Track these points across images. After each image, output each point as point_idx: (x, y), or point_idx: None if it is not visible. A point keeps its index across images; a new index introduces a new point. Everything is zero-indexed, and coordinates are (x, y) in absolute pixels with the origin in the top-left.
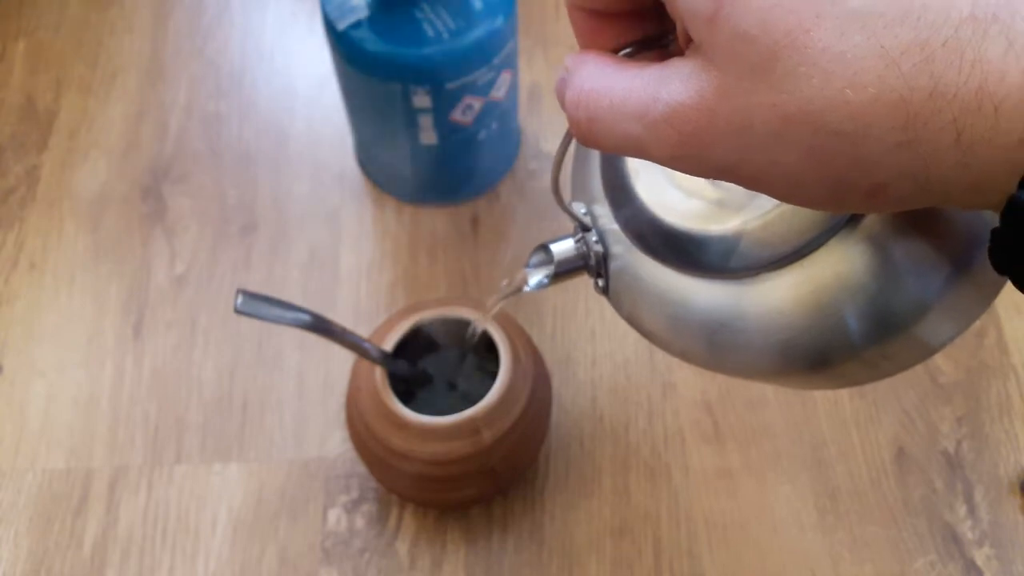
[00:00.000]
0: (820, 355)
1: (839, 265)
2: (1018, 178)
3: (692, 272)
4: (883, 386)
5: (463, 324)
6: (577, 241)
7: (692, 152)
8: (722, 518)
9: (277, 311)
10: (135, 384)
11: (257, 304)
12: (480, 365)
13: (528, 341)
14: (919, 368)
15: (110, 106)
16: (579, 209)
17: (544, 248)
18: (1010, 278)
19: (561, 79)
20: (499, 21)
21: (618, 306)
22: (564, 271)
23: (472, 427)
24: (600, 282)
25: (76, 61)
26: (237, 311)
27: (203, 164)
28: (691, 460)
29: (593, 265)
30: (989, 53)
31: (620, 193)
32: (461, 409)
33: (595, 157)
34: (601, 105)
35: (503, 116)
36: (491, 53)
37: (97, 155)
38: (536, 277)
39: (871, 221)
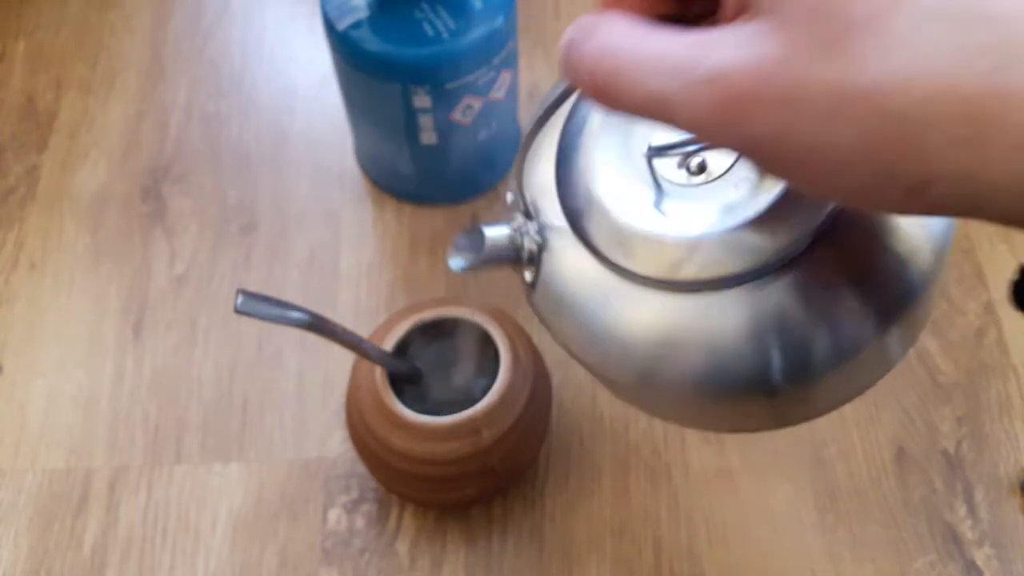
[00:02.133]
0: (745, 383)
1: (779, 298)
2: None
3: (634, 278)
4: (883, 386)
5: (463, 324)
6: (515, 230)
7: (732, 117)
8: (722, 518)
9: (277, 311)
10: (135, 384)
11: (257, 304)
12: (480, 365)
13: (528, 341)
14: (919, 368)
15: (110, 106)
16: (518, 197)
17: (476, 231)
18: None
19: (569, 38)
20: (499, 21)
21: (542, 303)
22: (493, 258)
23: (472, 427)
24: (528, 275)
25: (76, 61)
26: (237, 311)
27: (203, 164)
28: (691, 460)
29: (526, 257)
30: None
31: (573, 187)
32: (461, 409)
33: (548, 147)
34: (626, 60)
35: (503, 116)
36: (491, 53)
37: (97, 155)
38: (459, 260)
39: (822, 257)
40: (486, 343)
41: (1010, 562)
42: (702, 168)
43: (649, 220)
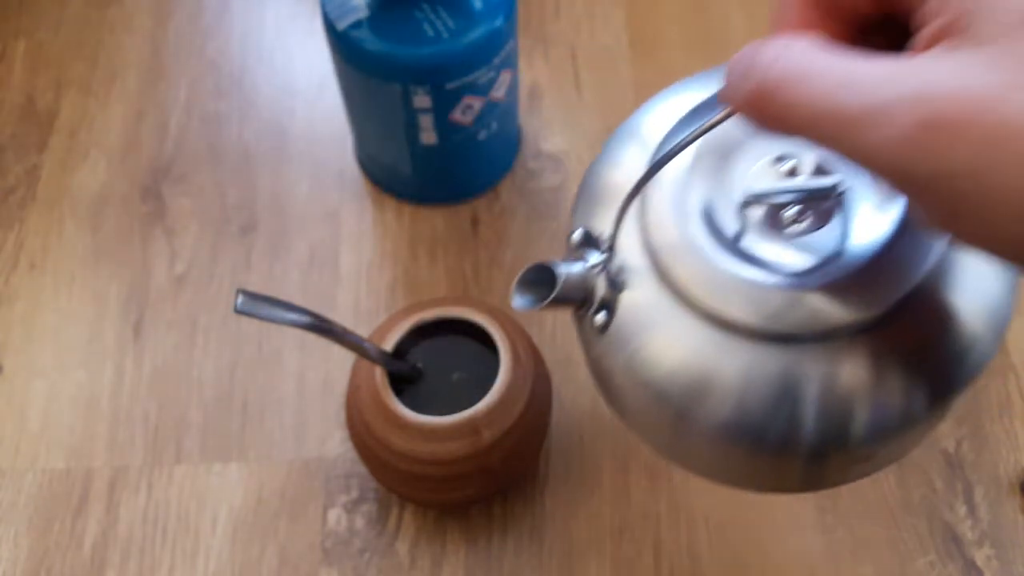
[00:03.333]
0: (811, 439)
1: (862, 360)
2: None
3: (727, 326)
4: None
5: (463, 324)
6: (591, 268)
7: (931, 143)
8: (722, 518)
9: (277, 311)
10: (135, 384)
11: (257, 304)
12: (480, 365)
13: (528, 341)
14: None
15: (110, 106)
16: (590, 234)
17: (547, 269)
18: None
19: (741, 52)
20: (499, 21)
21: (612, 349)
22: (563, 298)
23: (472, 427)
24: (600, 318)
25: (76, 61)
26: (237, 311)
27: (203, 164)
28: None
29: (601, 298)
30: None
31: (663, 228)
32: (461, 409)
33: (610, 186)
34: (809, 69)
35: (503, 116)
36: (491, 53)
37: (97, 155)
38: (525, 299)
39: (897, 328)
40: (486, 343)
41: (1010, 562)
42: (797, 218)
43: (738, 268)
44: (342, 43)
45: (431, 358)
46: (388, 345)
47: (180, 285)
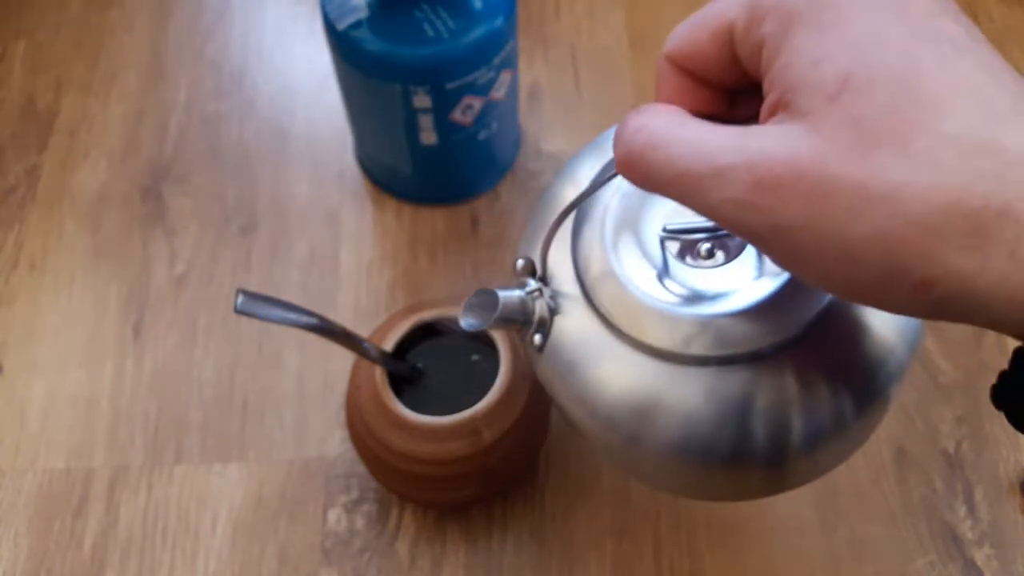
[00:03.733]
0: (743, 453)
1: (776, 377)
2: None
3: (646, 350)
4: None
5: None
6: (529, 294)
7: (763, 201)
8: (722, 518)
9: (277, 311)
10: (135, 384)
11: (257, 304)
12: (480, 365)
13: None
14: (919, 368)
15: (110, 106)
16: (529, 265)
17: (490, 293)
18: (1007, 415)
19: (627, 119)
20: (499, 21)
21: (549, 366)
22: (504, 319)
23: (472, 427)
24: (538, 339)
25: (76, 61)
26: (237, 311)
27: (203, 164)
28: None
29: (536, 321)
30: None
31: (589, 260)
32: (461, 409)
33: (552, 215)
34: (668, 138)
35: (503, 116)
36: (491, 53)
37: (97, 155)
38: (470, 319)
39: (810, 347)
40: (486, 343)
41: (1010, 562)
42: (710, 254)
43: (661, 297)
44: (342, 43)
45: (431, 358)
46: (388, 345)
47: (180, 285)
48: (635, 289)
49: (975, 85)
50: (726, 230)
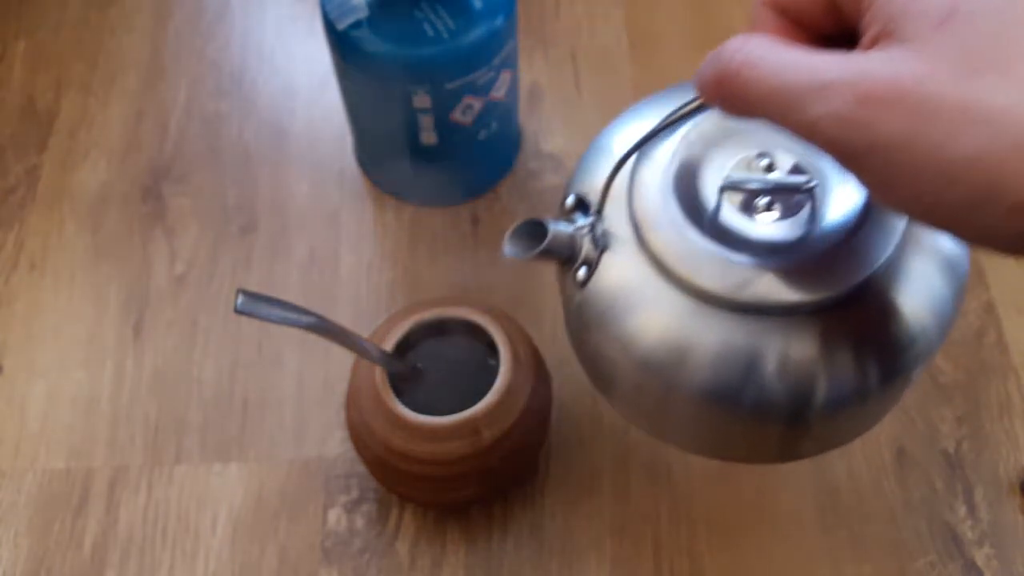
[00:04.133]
0: (771, 406)
1: (817, 335)
2: None
3: (695, 293)
4: None
5: (463, 324)
6: (579, 228)
7: (862, 118)
8: (722, 518)
9: (277, 311)
10: (135, 384)
11: (257, 304)
12: (480, 365)
13: (528, 341)
14: None
15: (110, 106)
16: (579, 201)
17: (539, 224)
18: None
19: (722, 47)
20: (499, 21)
21: (589, 304)
22: (550, 252)
23: (472, 427)
24: (582, 274)
25: (76, 61)
26: (237, 311)
27: (203, 164)
28: (691, 460)
29: (582, 257)
30: None
31: (647, 200)
32: (461, 409)
33: (605, 160)
34: (766, 57)
35: (503, 116)
36: (491, 53)
37: (97, 155)
38: (515, 248)
39: (854, 310)
40: (486, 343)
41: (1010, 562)
42: (768, 208)
43: (715, 244)
44: (342, 43)
45: (431, 358)
46: (388, 345)
47: (180, 285)
48: (691, 233)
49: None
50: (820, 150)
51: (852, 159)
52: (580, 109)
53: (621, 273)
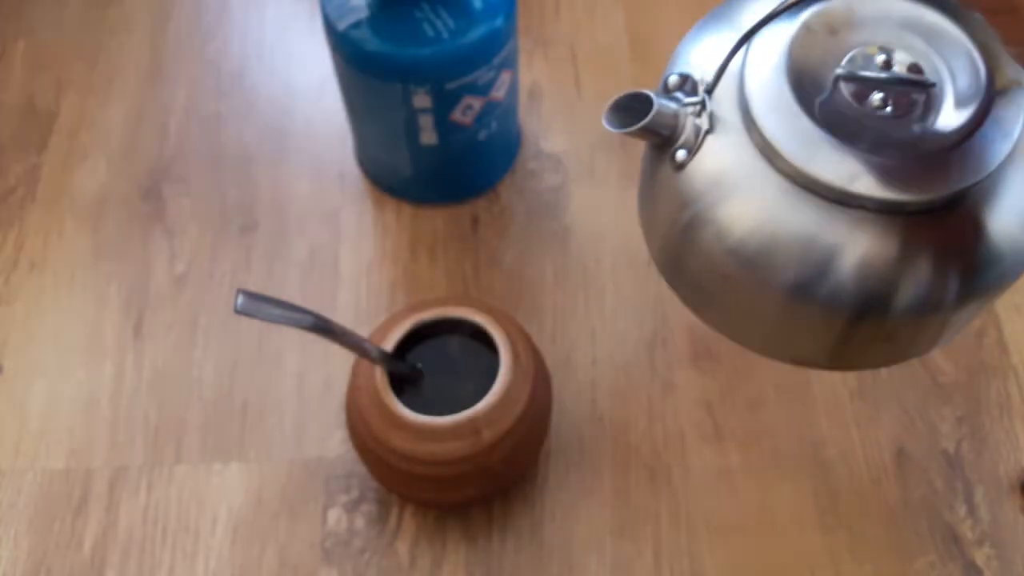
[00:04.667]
0: (854, 301)
1: (921, 236)
2: None
3: (802, 181)
4: (883, 386)
5: (463, 324)
6: (687, 105)
7: None
8: (722, 518)
9: (277, 311)
10: (135, 384)
11: (257, 304)
12: (480, 365)
13: (528, 341)
14: (919, 368)
15: (110, 106)
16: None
17: (644, 97)
18: None
19: None
20: (499, 21)
21: (688, 186)
22: (651, 128)
23: (472, 427)
24: (681, 155)
25: (76, 61)
26: (237, 311)
27: (203, 164)
28: (691, 460)
29: (687, 136)
30: None
31: (761, 85)
32: (461, 409)
33: (727, 43)
34: None
35: (503, 116)
36: (491, 53)
37: (97, 155)
38: (615, 119)
39: (957, 216)
40: (486, 343)
41: (1010, 562)
42: (883, 104)
43: (828, 132)
44: (342, 43)
45: (431, 358)
46: (388, 345)
47: (180, 285)
48: (802, 121)
49: None
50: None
51: None
52: (580, 109)
53: (725, 157)
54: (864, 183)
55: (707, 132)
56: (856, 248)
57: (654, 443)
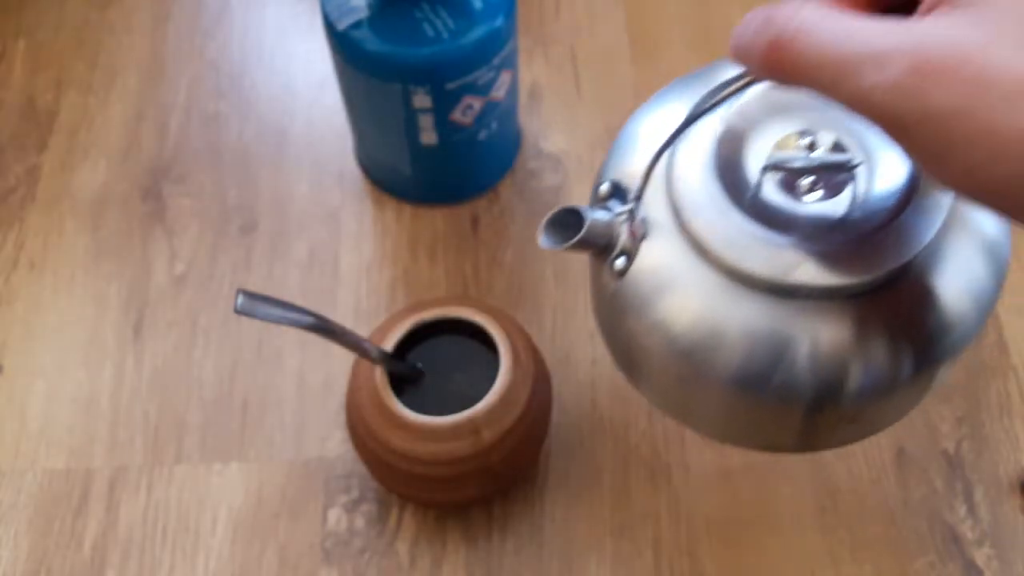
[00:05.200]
0: (803, 390)
1: (868, 314)
2: None
3: (739, 277)
4: None
5: (463, 324)
6: (619, 215)
7: (918, 86)
8: (722, 518)
9: (277, 311)
10: (135, 384)
11: (257, 304)
12: (480, 365)
13: (528, 341)
14: None
15: (110, 106)
16: (611, 187)
17: (575, 212)
18: None
19: (768, 15)
20: (499, 21)
21: (628, 293)
22: (587, 241)
23: (472, 427)
24: (620, 263)
25: (76, 61)
26: (237, 311)
27: (203, 164)
28: (691, 460)
29: (623, 244)
30: None
31: (687, 184)
32: (461, 409)
33: (651, 145)
34: (820, 24)
35: (503, 116)
36: (491, 53)
37: (97, 155)
38: (551, 239)
39: (893, 295)
40: (486, 343)
41: (1010, 562)
42: (811, 189)
43: (760, 224)
44: (342, 43)
45: (431, 358)
46: (388, 345)
47: (180, 285)
48: (733, 215)
49: None
50: (871, 121)
51: (904, 130)
52: (580, 109)
53: (660, 259)
54: (802, 272)
55: (642, 238)
56: (802, 337)
57: (654, 443)
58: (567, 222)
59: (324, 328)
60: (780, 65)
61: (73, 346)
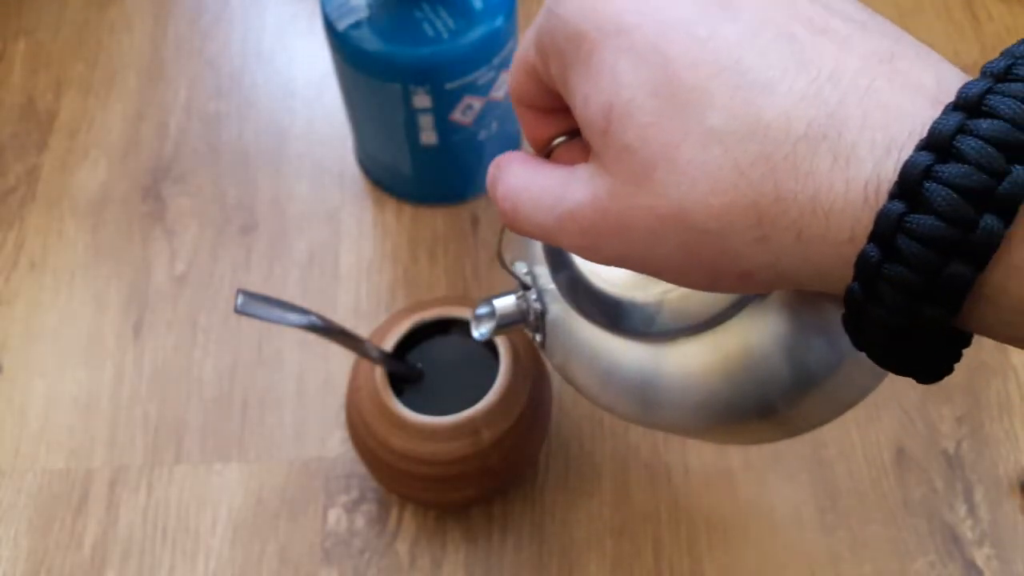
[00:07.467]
0: (732, 414)
1: (747, 335)
2: (851, 271)
3: (619, 333)
4: (883, 386)
5: (463, 324)
6: (519, 298)
7: (590, 244)
8: (722, 518)
9: (277, 311)
10: (135, 384)
11: (257, 304)
12: (480, 365)
13: (528, 341)
14: None
15: (110, 106)
16: (521, 269)
17: (488, 302)
18: (866, 353)
19: (492, 175)
20: (499, 21)
21: (552, 359)
22: (506, 324)
23: (472, 427)
24: (538, 337)
25: (76, 61)
26: (237, 311)
27: (203, 164)
28: (691, 460)
29: (532, 321)
30: (819, 166)
31: (558, 258)
32: (461, 409)
33: None
34: (523, 198)
35: (503, 116)
36: (491, 53)
37: (97, 155)
38: (480, 328)
39: (778, 294)
40: (486, 343)
41: (1010, 562)
42: None
43: (621, 288)
44: (342, 43)
45: (431, 358)
46: (388, 345)
47: (180, 285)
48: (598, 281)
49: (734, 59)
50: None
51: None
52: None
53: (562, 329)
54: (660, 321)
55: (543, 313)
56: (696, 366)
57: (654, 443)
58: (488, 312)
59: (324, 328)
60: (515, 230)
61: (73, 346)
